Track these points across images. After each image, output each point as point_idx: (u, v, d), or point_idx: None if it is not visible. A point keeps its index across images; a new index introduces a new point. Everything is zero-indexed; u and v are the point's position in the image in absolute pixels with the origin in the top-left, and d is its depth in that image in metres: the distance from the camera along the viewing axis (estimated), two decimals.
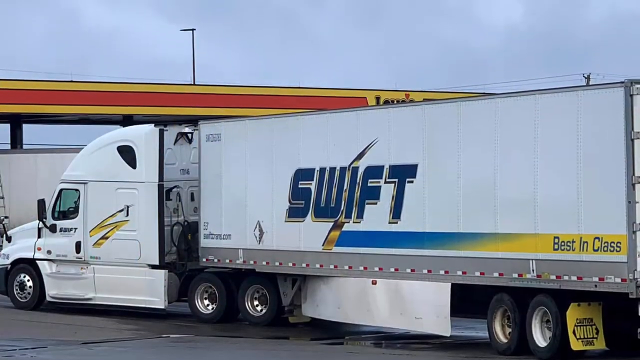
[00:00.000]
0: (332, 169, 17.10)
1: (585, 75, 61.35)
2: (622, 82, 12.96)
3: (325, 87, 49.34)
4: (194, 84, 51.07)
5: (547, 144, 13.94)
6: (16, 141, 42.62)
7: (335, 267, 17.11)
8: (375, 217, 16.34)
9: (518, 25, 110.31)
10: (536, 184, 14.00)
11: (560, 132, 13.79)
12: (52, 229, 20.77)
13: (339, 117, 18.18)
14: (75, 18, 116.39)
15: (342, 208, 16.83)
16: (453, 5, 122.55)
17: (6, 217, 27.36)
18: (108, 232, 19.98)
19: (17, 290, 21.26)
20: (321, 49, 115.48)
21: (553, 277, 13.72)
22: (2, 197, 29.10)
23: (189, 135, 20.24)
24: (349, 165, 16.76)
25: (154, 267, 19.53)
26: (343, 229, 16.90)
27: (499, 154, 14.52)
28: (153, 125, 20.43)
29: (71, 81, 42.85)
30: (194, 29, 60.84)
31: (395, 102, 38.89)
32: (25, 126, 44.30)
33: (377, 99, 45.59)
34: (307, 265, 17.54)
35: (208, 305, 19.37)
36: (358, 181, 16.65)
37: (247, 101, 42.93)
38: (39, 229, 21.05)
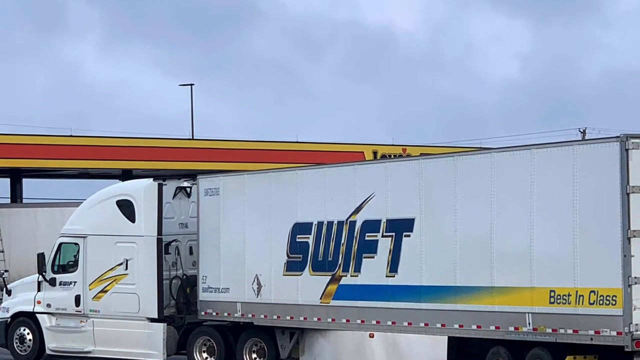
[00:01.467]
0: (330, 223, 17.21)
1: (581, 130, 61.76)
2: (618, 137, 13.15)
3: (323, 141, 49.67)
4: (193, 139, 51.36)
5: (543, 197, 14.07)
6: (16, 195, 42.73)
7: (333, 320, 17.15)
8: (373, 271, 16.43)
9: (515, 80, 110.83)
10: (532, 238, 14.11)
11: (557, 186, 13.93)
12: (52, 282, 20.82)
13: (337, 171, 18.30)
14: (74, 73, 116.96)
15: (339, 262, 16.93)
16: (450, 60, 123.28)
17: (6, 271, 27.44)
18: (107, 285, 20.02)
19: (17, 343, 21.28)
20: (318, 104, 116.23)
21: (549, 330, 13.81)
22: (2, 251, 29.19)
23: (188, 189, 20.37)
24: (347, 219, 16.88)
25: (152, 320, 19.53)
26: (340, 283, 16.97)
27: (496, 208, 14.65)
28: (152, 179, 20.54)
29: (71, 136, 43.14)
30: (193, 84, 61.37)
31: (392, 156, 39.20)
32: (25, 180, 44.45)
33: (375, 153, 45.96)
34: (305, 318, 17.55)
35: (207, 358, 19.33)
36: (355, 235, 16.75)
37: (245, 156, 43.20)
38: (39, 283, 21.10)
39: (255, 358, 18.80)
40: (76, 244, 20.70)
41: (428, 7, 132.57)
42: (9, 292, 22.58)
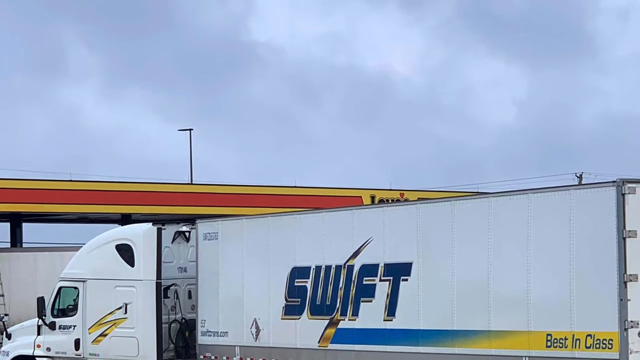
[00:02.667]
0: (328, 267, 17.28)
1: (578, 175, 62.03)
2: (614, 182, 13.24)
3: (321, 186, 49.82)
4: (192, 184, 51.54)
5: (540, 242, 14.16)
6: (16, 240, 42.77)
7: None
8: (371, 315, 16.46)
9: (511, 125, 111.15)
10: (529, 282, 14.17)
11: (553, 231, 14.02)
12: (52, 326, 20.85)
13: (335, 216, 18.41)
14: (74, 117, 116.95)
15: (337, 305, 16.97)
16: (447, 105, 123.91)
17: (6, 315, 27.42)
18: (107, 329, 20.05)
19: None
20: (317, 149, 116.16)
21: None
22: (2, 295, 29.22)
23: (187, 233, 20.47)
24: (345, 264, 16.95)
25: None
26: (339, 327, 17.00)
27: (493, 253, 14.73)
28: (151, 224, 20.64)
29: (70, 180, 43.28)
30: (192, 129, 61.73)
31: (390, 201, 39.37)
32: (24, 225, 44.54)
33: (372, 198, 46.15)
34: None
35: None
36: (353, 279, 16.82)
37: (243, 200, 43.29)
38: (39, 327, 21.11)
39: None
40: (76, 288, 20.76)
41: (425, 52, 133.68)
42: (8, 336, 22.58)
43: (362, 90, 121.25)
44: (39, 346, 21.04)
